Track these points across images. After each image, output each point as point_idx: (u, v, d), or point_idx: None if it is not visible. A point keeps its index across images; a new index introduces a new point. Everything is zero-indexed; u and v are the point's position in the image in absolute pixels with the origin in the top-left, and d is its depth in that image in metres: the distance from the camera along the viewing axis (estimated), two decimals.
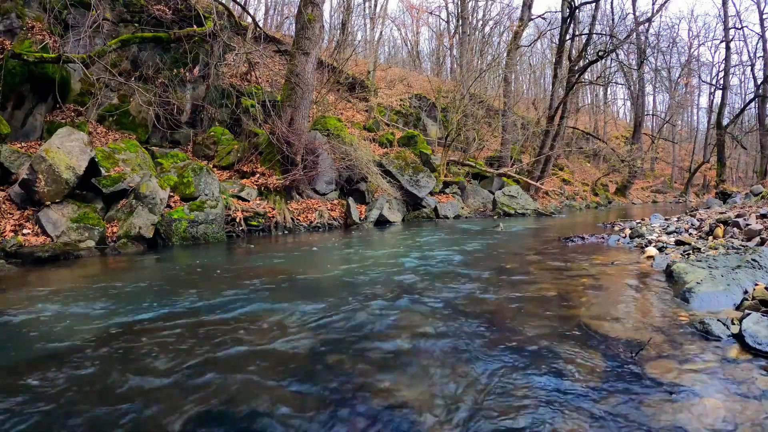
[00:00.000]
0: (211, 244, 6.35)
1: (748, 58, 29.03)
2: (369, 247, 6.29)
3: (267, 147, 9.07)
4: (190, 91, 9.56)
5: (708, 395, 1.76)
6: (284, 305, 3.11)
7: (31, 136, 7.08)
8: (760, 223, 5.14)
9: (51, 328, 2.66)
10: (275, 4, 22.63)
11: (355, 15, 21.20)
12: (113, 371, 2.05)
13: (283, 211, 8.18)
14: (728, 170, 29.39)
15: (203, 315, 2.90)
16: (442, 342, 2.40)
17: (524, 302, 3.13)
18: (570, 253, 5.30)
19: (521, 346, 2.30)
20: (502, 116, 18.00)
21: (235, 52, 10.36)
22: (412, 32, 29.46)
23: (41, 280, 4.08)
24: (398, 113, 16.73)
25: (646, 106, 30.77)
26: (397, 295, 3.37)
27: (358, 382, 1.93)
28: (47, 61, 6.66)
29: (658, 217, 8.62)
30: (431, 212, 11.09)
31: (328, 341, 2.40)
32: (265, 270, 4.52)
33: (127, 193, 6.25)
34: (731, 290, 2.92)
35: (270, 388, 1.88)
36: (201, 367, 2.07)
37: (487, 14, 29.08)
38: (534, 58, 31.60)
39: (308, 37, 9.00)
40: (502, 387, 1.87)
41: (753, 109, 26.00)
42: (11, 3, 7.12)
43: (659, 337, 2.37)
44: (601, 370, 2.01)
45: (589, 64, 16.58)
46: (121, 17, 8.80)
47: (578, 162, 27.01)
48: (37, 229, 5.37)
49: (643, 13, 31.72)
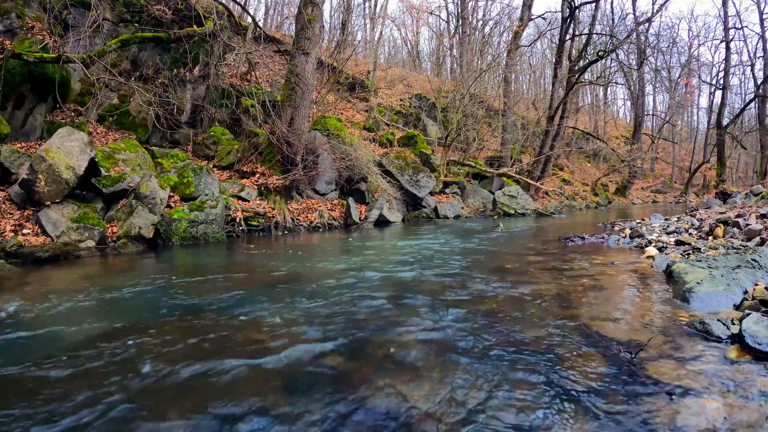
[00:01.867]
0: (211, 244, 6.35)
1: (748, 58, 29.03)
2: (369, 247, 6.29)
3: (267, 147, 9.07)
4: (190, 91, 9.56)
5: (708, 396, 1.75)
6: (284, 306, 3.11)
7: (31, 136, 7.08)
8: (760, 223, 5.14)
9: (51, 328, 2.66)
10: (275, 4, 22.66)
11: (355, 15, 21.23)
12: (113, 371, 2.05)
13: (283, 211, 8.18)
14: (728, 170, 29.38)
15: (203, 315, 2.90)
16: (442, 342, 2.39)
17: (524, 302, 3.13)
18: (570, 253, 5.30)
19: (521, 346, 2.29)
20: (502, 116, 18.00)
21: (235, 52, 10.36)
22: (412, 32, 29.48)
23: (41, 280, 4.08)
24: (398, 113, 16.73)
25: (646, 106, 30.78)
26: (397, 295, 3.37)
27: (358, 381, 1.93)
28: (47, 61, 6.66)
29: (658, 217, 8.62)
30: (431, 212, 11.09)
31: (327, 341, 2.40)
32: (265, 270, 4.52)
33: (127, 193, 6.25)
34: (731, 290, 2.91)
35: (269, 388, 1.87)
36: (201, 367, 2.07)
37: (487, 14, 29.13)
38: (534, 58, 31.62)
39: (308, 37, 9.00)
40: (502, 387, 1.87)
41: (753, 109, 26.01)
42: (11, 3, 7.12)
43: (659, 337, 2.37)
44: (600, 370, 2.01)
45: (589, 64, 16.57)
46: (121, 17, 8.81)
47: (578, 162, 27.00)
48: (37, 229, 5.36)
49: (643, 13, 31.78)
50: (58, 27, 7.61)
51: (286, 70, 9.99)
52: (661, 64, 34.12)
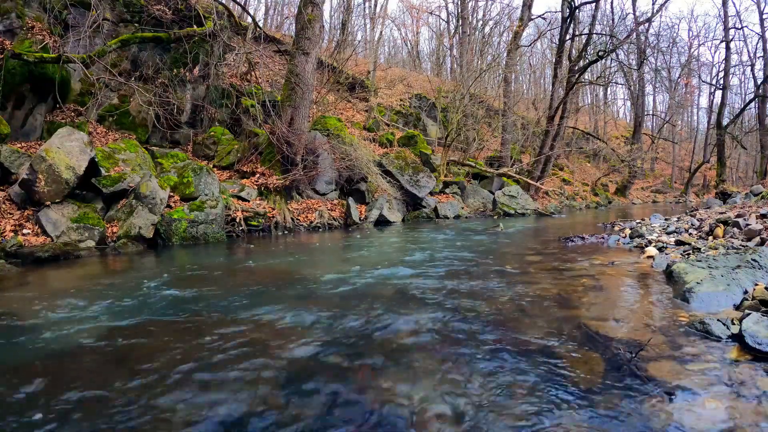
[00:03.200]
0: (211, 244, 6.34)
1: (748, 58, 29.03)
2: (369, 247, 6.29)
3: (267, 147, 9.07)
4: (190, 91, 9.56)
5: (708, 395, 1.75)
6: (283, 306, 3.11)
7: (31, 136, 7.08)
8: (760, 223, 5.14)
9: (50, 328, 2.66)
10: (275, 4, 22.65)
11: (355, 15, 21.22)
12: (113, 371, 2.05)
13: (283, 211, 8.18)
14: (728, 170, 29.37)
15: (203, 315, 2.90)
16: (442, 342, 2.39)
17: (524, 302, 3.13)
18: (570, 253, 5.30)
19: (521, 346, 2.29)
20: (502, 116, 18.00)
21: (235, 52, 10.36)
22: (412, 32, 29.47)
23: (41, 281, 4.08)
24: (398, 113, 16.73)
25: (646, 106, 30.78)
26: (396, 295, 3.37)
27: (357, 381, 1.93)
28: (47, 61, 6.66)
29: (658, 217, 8.62)
30: (431, 212, 11.09)
31: (327, 341, 2.40)
32: (265, 270, 4.52)
33: (127, 193, 6.25)
34: (731, 290, 2.91)
35: (269, 387, 1.87)
36: (200, 367, 2.07)
37: (487, 14, 29.13)
38: (534, 58, 31.61)
39: (308, 37, 9.00)
40: (502, 386, 1.87)
41: (753, 109, 26.01)
42: (11, 3, 7.12)
43: (659, 337, 2.37)
44: (600, 370, 2.01)
45: (589, 64, 16.57)
46: (121, 17, 8.80)
47: (578, 162, 27.00)
48: (37, 229, 5.36)
49: (643, 13, 31.78)
50: (58, 27, 7.61)
51: (286, 70, 9.99)
52: (661, 64, 34.15)
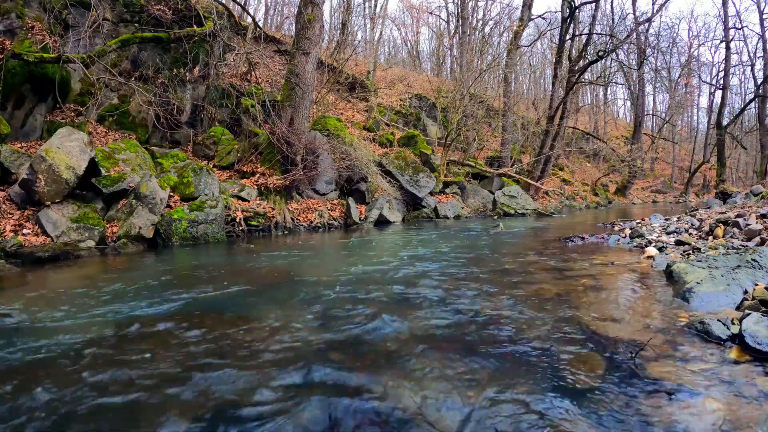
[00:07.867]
0: (211, 244, 6.35)
1: (748, 58, 29.06)
2: (369, 247, 6.29)
3: (267, 147, 9.07)
4: (190, 91, 9.56)
5: (708, 396, 1.75)
6: (283, 306, 3.11)
7: (31, 136, 7.09)
8: (760, 223, 5.14)
9: (50, 328, 2.66)
10: (275, 4, 22.66)
11: (355, 15, 21.23)
12: (113, 371, 2.05)
13: (283, 211, 8.18)
14: (728, 170, 29.38)
15: (203, 315, 2.90)
16: (442, 341, 2.39)
17: (524, 302, 3.13)
18: (570, 253, 5.30)
19: (520, 346, 2.29)
20: (502, 116, 18.00)
21: (235, 52, 10.36)
22: (412, 32, 29.48)
23: (41, 281, 4.08)
24: (398, 113, 16.73)
25: (646, 106, 30.77)
26: (396, 295, 3.37)
27: (356, 378, 1.93)
28: (47, 61, 6.66)
29: (658, 217, 8.61)
30: (431, 212, 11.09)
31: (326, 341, 2.40)
32: (265, 270, 4.52)
33: (127, 193, 6.25)
34: (731, 290, 2.91)
35: (270, 386, 1.87)
36: (199, 367, 2.07)
37: (487, 14, 29.13)
38: (534, 58, 31.60)
39: (308, 37, 9.00)
40: (501, 386, 1.87)
41: (753, 109, 26.03)
42: (11, 3, 7.12)
43: (659, 337, 2.37)
44: (600, 370, 2.01)
45: (589, 64, 16.58)
46: (121, 17, 8.80)
47: (578, 162, 27.01)
48: (37, 229, 5.36)
49: (643, 13, 31.88)
50: (58, 27, 7.61)
51: (286, 70, 9.99)
52: (661, 64, 34.19)
